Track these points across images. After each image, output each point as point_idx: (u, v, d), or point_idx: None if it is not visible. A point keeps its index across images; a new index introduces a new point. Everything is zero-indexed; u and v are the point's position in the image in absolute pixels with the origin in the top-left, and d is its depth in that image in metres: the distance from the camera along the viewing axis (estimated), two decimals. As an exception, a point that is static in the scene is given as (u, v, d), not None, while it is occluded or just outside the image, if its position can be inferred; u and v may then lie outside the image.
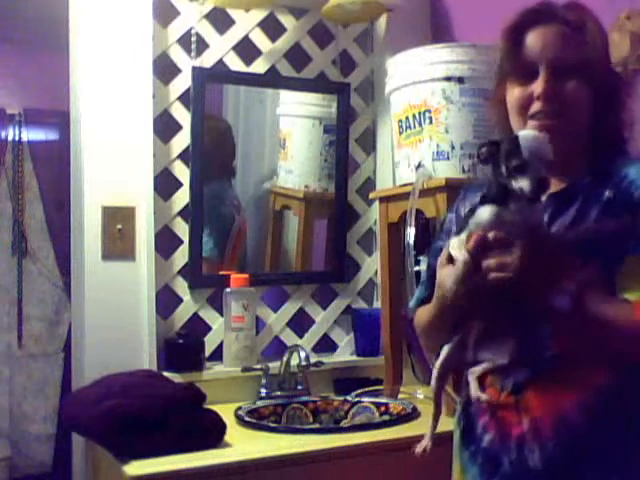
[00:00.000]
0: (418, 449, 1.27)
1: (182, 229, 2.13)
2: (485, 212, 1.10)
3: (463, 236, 1.12)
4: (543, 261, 1.08)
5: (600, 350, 1.14)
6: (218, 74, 2.20)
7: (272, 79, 2.28)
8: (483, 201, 1.12)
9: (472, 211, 1.13)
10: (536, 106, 1.20)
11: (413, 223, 1.86)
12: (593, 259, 1.13)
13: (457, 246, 1.12)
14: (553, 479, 1.14)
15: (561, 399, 1.14)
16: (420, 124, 1.91)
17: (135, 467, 1.49)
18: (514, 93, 1.23)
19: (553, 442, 1.13)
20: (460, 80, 1.86)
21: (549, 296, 1.08)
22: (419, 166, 1.90)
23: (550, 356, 1.15)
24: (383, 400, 1.99)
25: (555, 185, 1.21)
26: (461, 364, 1.24)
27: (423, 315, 1.33)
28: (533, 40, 1.20)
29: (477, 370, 1.22)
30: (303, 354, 2.04)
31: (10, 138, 3.33)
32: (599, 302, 1.11)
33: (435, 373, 1.25)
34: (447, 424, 1.37)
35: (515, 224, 1.09)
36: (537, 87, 1.19)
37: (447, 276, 1.13)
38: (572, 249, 1.13)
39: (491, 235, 1.07)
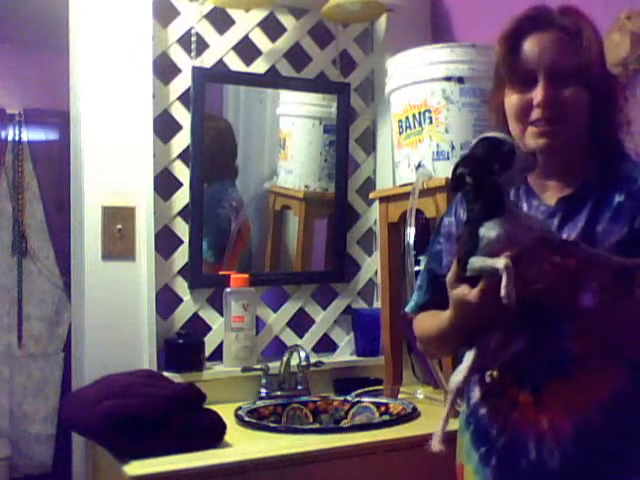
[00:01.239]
0: (435, 448, 1.24)
1: (182, 229, 2.13)
2: (491, 231, 1.11)
3: (479, 257, 1.12)
4: (571, 265, 1.10)
5: (621, 350, 1.15)
6: (218, 74, 2.20)
7: (272, 79, 2.28)
8: (478, 219, 1.13)
9: (473, 235, 1.13)
10: (536, 113, 1.20)
11: (413, 223, 1.86)
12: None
13: (479, 266, 1.11)
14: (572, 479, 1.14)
15: (581, 400, 1.14)
16: (420, 124, 1.91)
17: (135, 467, 1.49)
18: (512, 100, 1.23)
19: (573, 442, 1.13)
20: (460, 80, 1.86)
21: (576, 296, 1.10)
22: (419, 166, 1.90)
23: (570, 357, 1.15)
24: (383, 400, 1.99)
25: (562, 189, 1.23)
26: (483, 370, 1.25)
27: (428, 324, 1.33)
28: (530, 47, 1.21)
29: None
30: (303, 354, 2.04)
31: (10, 138, 3.32)
32: (622, 299, 1.13)
33: (459, 378, 1.22)
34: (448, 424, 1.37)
35: (523, 233, 1.11)
36: (537, 95, 1.19)
37: (463, 295, 1.14)
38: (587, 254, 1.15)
39: (516, 252, 1.08)
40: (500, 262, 1.08)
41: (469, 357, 1.22)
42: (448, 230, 1.36)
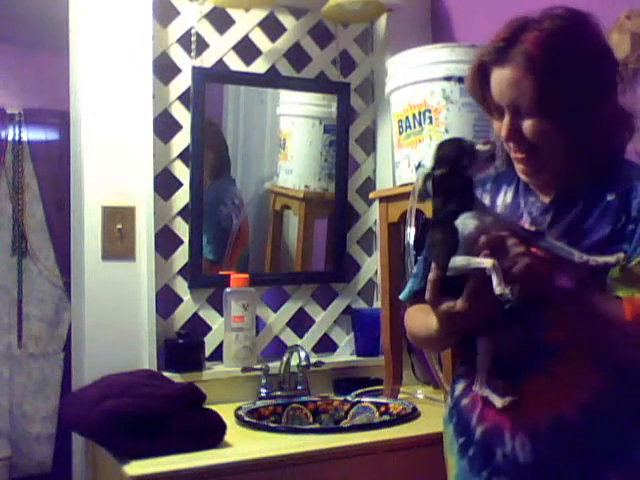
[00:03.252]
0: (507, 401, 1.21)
1: (182, 229, 2.13)
2: (468, 221, 1.14)
3: (461, 256, 1.13)
4: (541, 255, 1.13)
5: (592, 344, 1.15)
6: (218, 74, 2.20)
7: (272, 79, 2.28)
8: (451, 215, 1.15)
9: (449, 232, 1.15)
10: (508, 144, 1.24)
11: (413, 223, 1.86)
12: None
13: (463, 265, 1.12)
14: (544, 474, 1.16)
15: (557, 396, 1.15)
16: (420, 124, 1.91)
17: (135, 467, 1.49)
18: (494, 126, 1.27)
19: (547, 438, 1.14)
20: (460, 80, 1.86)
21: (547, 286, 1.12)
22: (419, 166, 1.89)
23: (545, 350, 1.16)
24: (383, 400, 1.99)
25: (558, 187, 1.25)
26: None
27: (417, 323, 1.35)
28: (494, 83, 1.22)
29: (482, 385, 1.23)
30: (303, 354, 2.04)
31: (10, 138, 3.32)
32: (594, 293, 1.14)
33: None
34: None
35: (494, 224, 1.15)
36: (502, 128, 1.22)
37: (449, 309, 1.15)
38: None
39: (495, 240, 1.11)
40: (487, 262, 1.09)
41: (485, 355, 1.23)
42: None
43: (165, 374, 1.94)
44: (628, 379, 1.15)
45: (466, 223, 1.14)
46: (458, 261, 1.13)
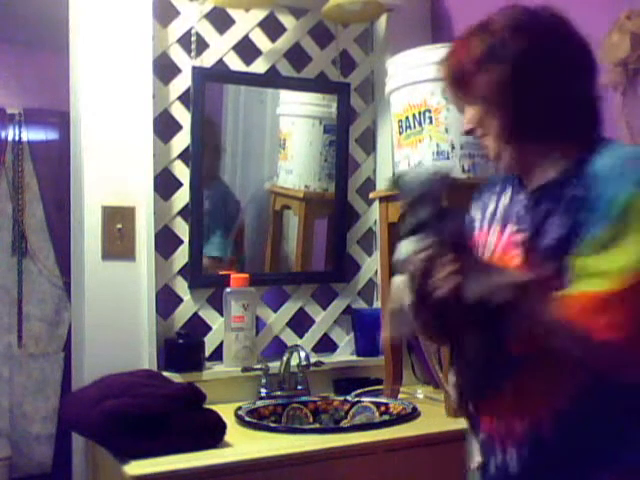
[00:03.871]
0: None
1: (182, 229, 2.13)
2: (402, 247, 1.14)
3: (398, 277, 1.16)
4: (480, 260, 1.15)
5: (553, 352, 1.11)
6: (218, 74, 2.20)
7: (272, 79, 2.28)
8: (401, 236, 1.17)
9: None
10: None
11: (413, 223, 1.86)
12: (549, 260, 1.13)
13: (393, 287, 1.17)
14: None
15: (532, 406, 1.13)
16: (420, 124, 1.91)
17: (135, 467, 1.49)
18: None
19: (529, 448, 1.13)
20: (460, 80, 1.86)
21: (496, 294, 1.08)
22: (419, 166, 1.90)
23: (512, 361, 1.14)
24: (383, 400, 1.99)
25: (539, 182, 1.21)
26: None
27: None
28: None
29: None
30: (303, 354, 2.04)
31: (10, 138, 3.32)
32: (542, 297, 1.09)
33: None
34: (448, 424, 1.37)
35: (435, 242, 1.11)
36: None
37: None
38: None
39: (418, 259, 1.11)
40: (392, 300, 1.16)
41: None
42: None
43: (165, 374, 1.94)
44: (602, 382, 1.10)
45: (402, 251, 1.13)
46: (395, 281, 1.18)
